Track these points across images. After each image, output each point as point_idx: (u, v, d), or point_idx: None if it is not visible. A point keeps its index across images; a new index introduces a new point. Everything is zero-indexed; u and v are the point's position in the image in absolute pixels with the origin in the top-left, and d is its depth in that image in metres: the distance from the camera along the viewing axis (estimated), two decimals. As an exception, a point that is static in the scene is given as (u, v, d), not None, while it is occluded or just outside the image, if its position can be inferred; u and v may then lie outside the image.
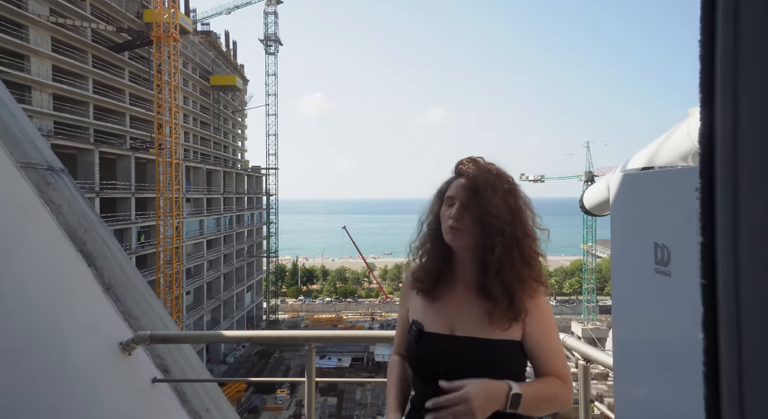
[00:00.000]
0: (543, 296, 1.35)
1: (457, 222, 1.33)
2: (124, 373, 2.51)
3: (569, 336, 2.40)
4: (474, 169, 1.36)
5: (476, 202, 1.31)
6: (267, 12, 57.40)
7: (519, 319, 1.30)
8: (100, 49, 34.08)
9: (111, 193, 31.65)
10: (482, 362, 1.29)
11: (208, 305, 43.07)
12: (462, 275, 1.41)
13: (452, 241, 1.35)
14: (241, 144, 64.23)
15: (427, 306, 1.43)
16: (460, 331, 1.35)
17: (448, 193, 1.38)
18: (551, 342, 1.36)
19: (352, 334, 2.57)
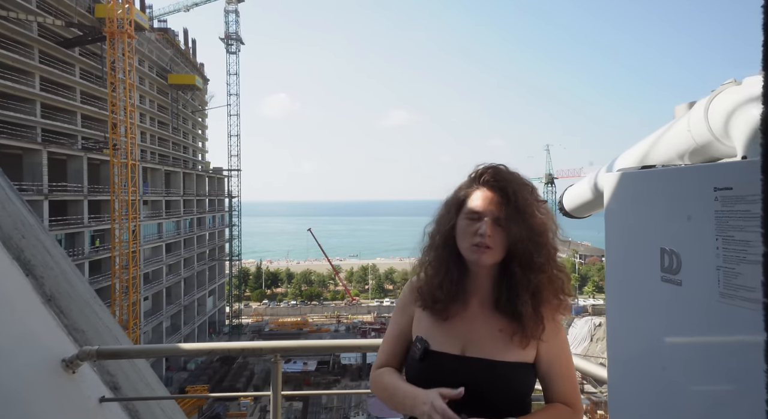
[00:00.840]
0: (561, 314, 1.29)
1: (489, 240, 1.23)
2: (66, 393, 2.27)
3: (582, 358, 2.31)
4: (503, 180, 1.27)
5: (516, 220, 1.22)
6: (227, 10, 56.10)
7: (537, 337, 1.24)
8: (47, 44, 32.31)
9: (61, 195, 30.05)
10: (494, 385, 1.21)
11: (168, 311, 41.58)
12: (476, 292, 1.32)
13: (480, 260, 1.25)
14: (201, 145, 62.45)
15: (435, 324, 1.33)
16: (472, 351, 1.26)
17: (472, 206, 1.27)
18: (565, 365, 1.28)
19: (319, 344, 2.42)
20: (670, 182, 0.89)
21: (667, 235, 0.87)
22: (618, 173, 1.02)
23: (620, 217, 1.01)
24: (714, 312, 0.77)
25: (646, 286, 0.94)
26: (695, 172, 0.83)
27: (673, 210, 0.86)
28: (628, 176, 1.01)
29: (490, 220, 1.23)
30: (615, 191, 1.03)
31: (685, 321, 0.85)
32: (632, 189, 0.99)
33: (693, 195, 0.82)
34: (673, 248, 0.85)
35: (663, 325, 0.89)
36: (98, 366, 2.44)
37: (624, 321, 1.05)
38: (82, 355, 2.25)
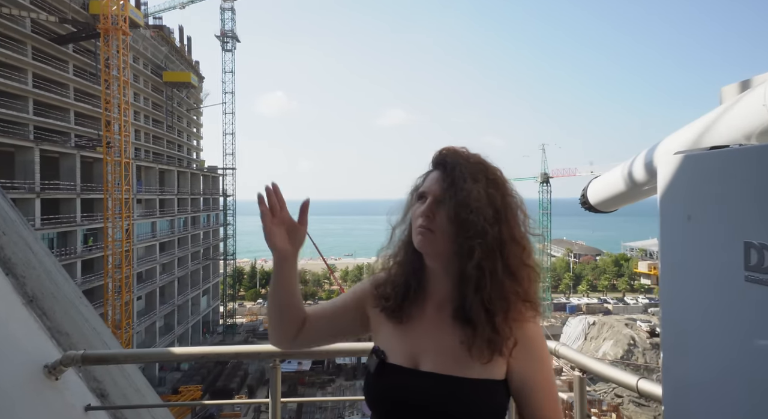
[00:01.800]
0: (535, 323, 1.07)
1: (428, 221, 1.06)
2: (49, 401, 2.11)
3: (562, 344, 2.20)
4: (452, 158, 1.10)
5: (452, 195, 1.05)
6: (223, 8, 55.72)
7: (504, 351, 1.02)
8: (41, 40, 31.92)
9: (53, 193, 29.71)
10: (451, 407, 1.01)
11: (161, 311, 41.25)
12: (434, 294, 1.13)
13: (422, 245, 1.08)
14: (196, 143, 62.04)
15: (392, 330, 1.15)
16: (425, 365, 1.07)
17: (422, 188, 1.12)
18: (544, 383, 1.06)
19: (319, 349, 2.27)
20: (762, 163, 0.73)
21: (755, 226, 0.73)
22: (679, 156, 0.86)
23: (685, 206, 0.86)
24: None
25: (724, 288, 0.78)
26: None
27: (764, 196, 0.72)
28: (695, 159, 0.84)
29: (431, 199, 1.08)
30: (676, 177, 0.87)
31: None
32: (703, 173, 0.83)
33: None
34: (764, 242, 0.70)
35: (749, 336, 0.74)
36: (84, 372, 2.28)
37: (692, 332, 0.87)
38: (66, 360, 2.09)
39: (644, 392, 1.69)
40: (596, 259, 78.73)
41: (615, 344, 42.26)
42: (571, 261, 77.04)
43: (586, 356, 2.09)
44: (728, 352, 0.79)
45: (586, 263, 76.95)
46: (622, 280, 70.76)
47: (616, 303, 61.24)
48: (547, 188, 55.01)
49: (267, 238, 1.18)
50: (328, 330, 1.28)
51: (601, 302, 62.03)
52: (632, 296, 66.30)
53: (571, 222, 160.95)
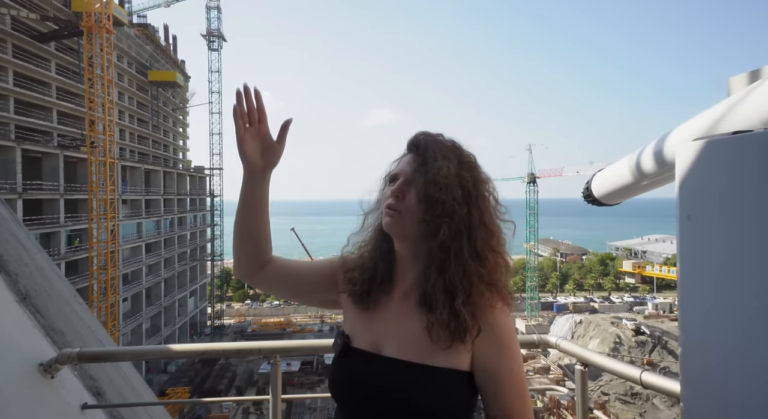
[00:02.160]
0: (502, 312, 1.02)
1: (397, 201, 1.04)
2: (45, 400, 2.06)
3: (563, 338, 2.22)
4: (426, 140, 1.09)
5: (423, 173, 1.03)
6: (209, 6, 55.17)
7: (465, 337, 0.97)
8: (21, 38, 31.29)
9: (36, 194, 29.14)
10: (411, 394, 0.97)
11: (148, 312, 40.71)
12: (402, 280, 1.11)
13: (389, 226, 1.05)
14: (182, 143, 61.33)
15: (358, 315, 1.13)
16: (387, 351, 1.04)
17: (394, 171, 1.11)
18: (511, 374, 1.00)
19: (321, 343, 2.26)
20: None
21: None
22: (700, 141, 0.86)
23: (707, 194, 0.85)
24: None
25: (756, 283, 0.77)
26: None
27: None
28: (718, 144, 0.82)
29: (402, 179, 1.06)
30: (696, 164, 0.87)
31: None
32: (728, 159, 0.82)
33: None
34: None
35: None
36: (80, 370, 2.23)
37: (713, 331, 0.85)
38: (61, 358, 2.04)
39: (648, 384, 1.71)
40: (582, 258, 79.59)
41: (601, 342, 42.78)
42: (558, 261, 77.74)
43: (588, 349, 2.11)
44: (751, 351, 0.78)
45: (572, 262, 77.75)
46: (607, 279, 71.61)
47: (602, 302, 61.92)
48: (534, 188, 55.42)
49: (238, 144, 1.14)
50: (291, 282, 1.26)
51: (587, 301, 62.71)
52: (618, 295, 67.12)
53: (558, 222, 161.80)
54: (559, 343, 2.24)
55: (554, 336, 2.30)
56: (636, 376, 1.84)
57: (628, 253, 78.72)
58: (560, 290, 71.18)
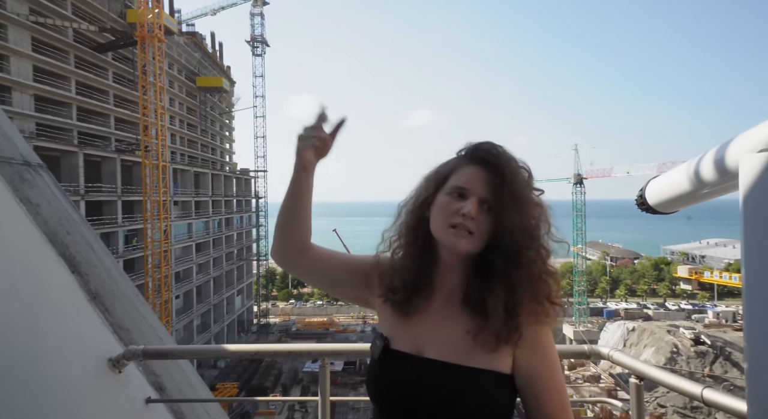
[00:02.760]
0: (546, 321, 1.06)
1: (473, 223, 1.02)
2: (114, 393, 2.21)
3: (616, 350, 2.12)
4: (500, 159, 1.05)
5: (509, 205, 1.02)
6: (253, 13, 56.78)
7: (510, 341, 1.00)
8: (82, 49, 33.34)
9: (96, 196, 30.97)
10: (454, 395, 0.99)
11: (198, 310, 42.38)
12: (443, 283, 1.11)
13: (456, 244, 1.03)
14: (228, 146, 63.48)
15: (397, 320, 1.13)
16: (429, 353, 1.05)
17: (457, 181, 1.07)
18: (553, 381, 1.03)
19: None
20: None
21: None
22: (765, 153, 0.83)
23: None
24: None
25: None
26: None
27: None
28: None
29: (477, 200, 1.03)
30: (762, 176, 0.84)
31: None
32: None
33: None
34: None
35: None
36: (143, 366, 2.37)
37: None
38: (128, 354, 2.18)
39: (711, 402, 1.61)
40: (634, 262, 76.14)
41: (657, 351, 40.52)
42: (608, 265, 74.83)
43: (644, 362, 2.02)
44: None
45: (623, 266, 74.59)
46: (662, 285, 68.04)
47: (656, 309, 58.85)
48: (581, 189, 53.62)
49: (302, 144, 1.17)
50: (328, 273, 1.27)
51: (640, 308, 59.83)
52: (674, 302, 63.71)
53: (608, 224, 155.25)
54: (612, 354, 2.15)
55: (606, 347, 2.20)
56: (697, 393, 1.75)
57: (685, 258, 74.48)
58: (610, 296, 68.48)
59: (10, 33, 27.65)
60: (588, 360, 2.30)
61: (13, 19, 27.69)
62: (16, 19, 27.89)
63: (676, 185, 1.52)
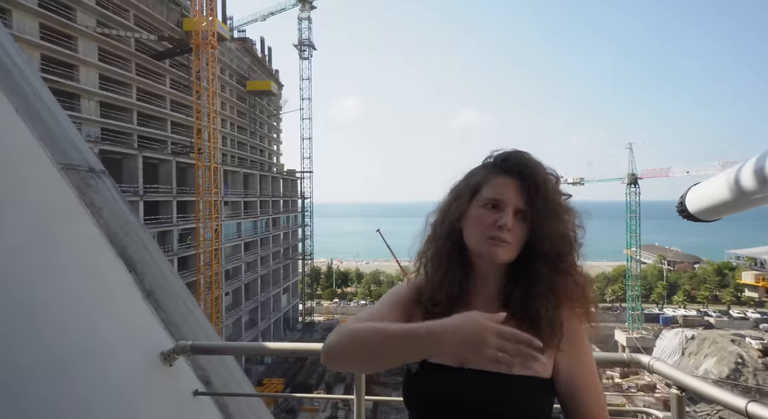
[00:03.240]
0: (581, 323, 1.10)
1: (509, 235, 1.05)
2: (166, 385, 2.37)
3: (656, 359, 2.05)
4: (531, 169, 1.08)
5: (545, 214, 1.06)
6: (301, 18, 58.10)
7: (553, 346, 1.04)
8: (142, 57, 35.30)
9: (154, 196, 32.66)
10: (500, 403, 1.02)
11: (246, 307, 43.80)
12: (480, 294, 1.13)
13: (495, 254, 1.06)
14: (276, 148, 65.24)
15: None
16: (473, 363, 1.05)
17: (490, 193, 1.09)
18: (590, 382, 1.07)
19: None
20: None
21: None
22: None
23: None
24: None
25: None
26: None
27: None
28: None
29: (512, 211, 1.06)
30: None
31: None
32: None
33: None
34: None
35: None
36: (192, 361, 2.53)
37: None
38: (178, 349, 2.33)
39: (755, 416, 1.55)
40: (694, 267, 71.81)
41: (719, 361, 38.00)
42: (665, 269, 71.10)
43: (685, 372, 1.95)
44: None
45: (682, 271, 70.55)
46: (726, 291, 63.64)
47: (719, 317, 55.15)
48: (636, 189, 51.28)
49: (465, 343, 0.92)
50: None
51: (701, 315, 56.36)
52: (739, 310, 59.56)
53: (665, 227, 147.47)
54: (653, 364, 2.08)
55: (647, 356, 2.13)
56: (742, 407, 1.69)
57: (752, 263, 69.43)
58: (667, 302, 65.05)
59: (79, 44, 29.69)
60: (627, 368, 2.24)
61: (82, 31, 29.71)
62: (85, 31, 29.90)
63: (717, 194, 1.48)
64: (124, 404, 2.17)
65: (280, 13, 54.55)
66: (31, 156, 2.44)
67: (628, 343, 46.30)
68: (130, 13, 34.48)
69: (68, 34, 29.07)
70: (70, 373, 2.01)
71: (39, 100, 2.78)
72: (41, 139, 2.53)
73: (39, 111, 2.71)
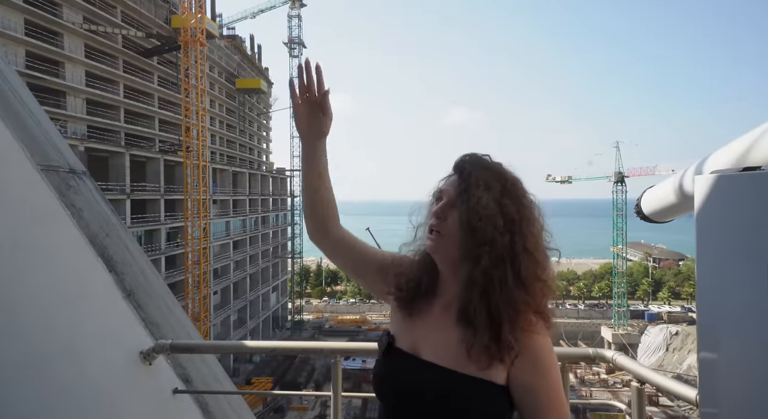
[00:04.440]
0: (543, 335, 1.05)
1: (439, 223, 1.09)
2: (144, 384, 2.41)
3: (620, 354, 2.17)
4: (470, 164, 1.12)
5: (464, 200, 1.06)
6: (291, 15, 57.81)
7: (504, 358, 1.01)
8: (130, 54, 34.95)
9: (141, 195, 32.40)
10: (448, 397, 1.02)
11: (235, 305, 43.63)
12: (443, 294, 1.16)
13: (430, 248, 1.11)
14: (266, 146, 64.95)
15: (401, 319, 1.20)
16: (425, 354, 1.10)
17: (438, 189, 1.16)
18: (551, 396, 1.02)
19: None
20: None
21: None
22: (712, 175, 0.89)
23: (715, 226, 0.88)
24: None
25: (750, 309, 0.81)
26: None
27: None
28: (726, 179, 0.87)
29: (445, 201, 1.10)
30: (709, 196, 0.90)
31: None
32: (731, 194, 0.85)
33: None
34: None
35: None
36: (172, 359, 2.57)
37: (725, 349, 0.91)
38: (157, 348, 2.37)
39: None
40: (679, 264, 72.96)
41: (701, 356, 38.91)
42: (650, 266, 72.10)
43: (645, 366, 2.06)
44: (755, 371, 0.81)
45: (667, 268, 71.66)
46: (708, 287, 64.72)
47: (701, 312, 56.22)
48: (622, 187, 51.95)
49: (294, 116, 1.30)
50: (352, 257, 1.35)
51: (684, 311, 57.35)
52: (721, 305, 60.52)
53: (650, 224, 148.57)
54: (616, 358, 2.19)
55: (611, 351, 2.24)
56: (692, 397, 1.80)
57: (734, 259, 70.41)
58: (652, 298, 66.02)
59: (65, 41, 29.31)
60: (593, 362, 2.33)
61: (68, 27, 29.34)
62: (71, 28, 29.53)
63: (664, 197, 1.56)
64: (103, 403, 2.21)
65: (269, 11, 54.27)
66: (10, 158, 2.46)
67: (613, 339, 46.94)
68: (117, 10, 34.12)
69: (54, 31, 28.70)
70: (50, 372, 2.05)
71: (19, 102, 2.80)
72: (21, 140, 2.55)
73: (19, 112, 2.73)
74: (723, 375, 0.94)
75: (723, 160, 1.12)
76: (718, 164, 1.11)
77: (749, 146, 1.04)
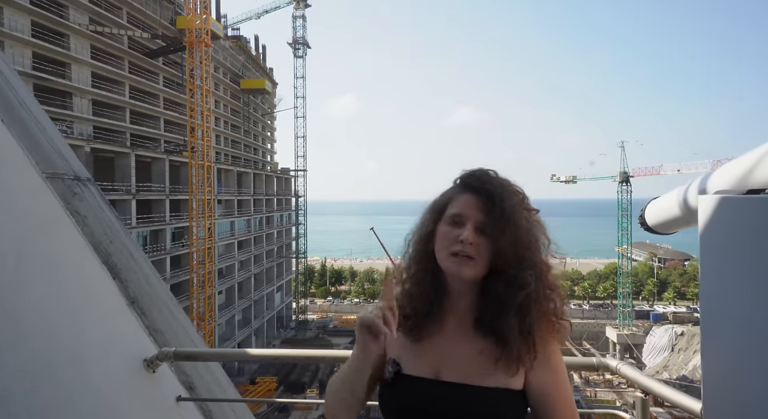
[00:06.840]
0: (555, 338, 1.12)
1: (472, 248, 1.08)
2: (148, 391, 2.42)
3: (624, 363, 2.15)
4: (491, 185, 1.11)
5: (502, 228, 1.07)
6: (295, 16, 57.87)
7: (527, 363, 1.07)
8: (135, 55, 35.12)
9: (146, 195, 32.54)
10: (473, 413, 1.06)
11: (240, 305, 43.74)
12: (454, 310, 1.16)
13: (459, 271, 1.08)
14: (270, 146, 65.09)
15: (408, 345, 1.17)
16: (447, 375, 1.10)
17: (453, 210, 1.12)
18: (562, 394, 1.11)
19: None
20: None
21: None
22: (716, 196, 0.89)
23: (719, 247, 0.88)
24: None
25: (753, 327, 0.81)
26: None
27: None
28: (729, 202, 0.86)
29: (472, 226, 1.08)
30: (713, 217, 0.89)
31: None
32: (735, 216, 0.85)
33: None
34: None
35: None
36: (175, 366, 2.58)
37: (731, 370, 0.91)
38: (161, 355, 2.38)
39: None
40: (685, 264, 72.51)
41: (706, 357, 38.64)
42: (655, 266, 71.71)
43: (650, 377, 2.05)
44: (754, 389, 0.81)
45: (672, 268, 71.23)
46: (714, 287, 64.23)
47: (707, 313, 55.81)
48: (627, 187, 51.68)
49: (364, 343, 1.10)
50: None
51: (690, 312, 57.00)
52: (727, 306, 60.08)
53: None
54: (620, 368, 2.17)
55: (615, 360, 2.23)
56: (697, 410, 1.78)
57: (740, 259, 69.82)
58: (658, 299, 65.65)
59: (71, 42, 29.49)
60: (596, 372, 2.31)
61: (74, 28, 29.52)
62: (78, 29, 29.70)
63: (669, 210, 1.55)
64: (107, 411, 2.22)
65: (274, 11, 54.42)
66: (16, 165, 2.48)
67: (618, 340, 46.70)
68: (123, 11, 34.29)
69: (61, 32, 28.88)
70: (53, 380, 2.06)
71: (25, 110, 2.81)
72: (27, 148, 2.56)
73: (25, 120, 2.75)
74: (726, 390, 0.94)
75: (726, 178, 1.11)
76: (722, 182, 1.10)
77: (752, 166, 1.03)
